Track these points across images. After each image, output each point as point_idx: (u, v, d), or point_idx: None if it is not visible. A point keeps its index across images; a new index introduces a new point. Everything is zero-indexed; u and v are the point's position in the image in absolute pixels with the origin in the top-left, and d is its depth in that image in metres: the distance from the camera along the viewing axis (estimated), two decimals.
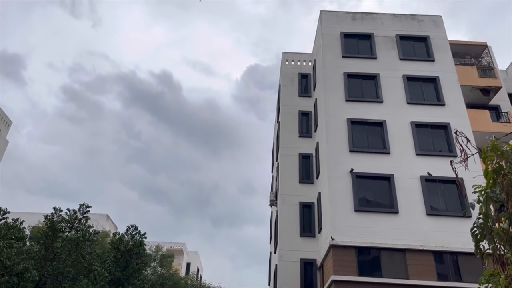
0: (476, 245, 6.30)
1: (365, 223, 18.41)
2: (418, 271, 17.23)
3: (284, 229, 22.10)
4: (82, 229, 14.67)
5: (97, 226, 19.87)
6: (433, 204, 18.92)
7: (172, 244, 48.72)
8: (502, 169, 5.62)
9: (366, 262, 17.87)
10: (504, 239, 5.49)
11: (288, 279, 20.38)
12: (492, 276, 5.46)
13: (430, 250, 17.66)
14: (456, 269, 17.46)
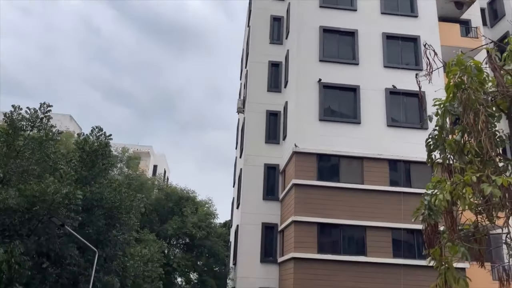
0: (428, 154, 6.72)
1: (328, 132, 19.06)
2: (373, 178, 18.47)
3: (250, 135, 22.59)
4: (45, 128, 14.38)
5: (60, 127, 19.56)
6: (394, 116, 19.65)
7: (139, 146, 49.13)
8: (463, 83, 5.78)
9: (325, 168, 18.87)
10: (455, 149, 5.86)
11: (252, 182, 21.40)
12: (439, 182, 5.91)
13: (386, 158, 18.77)
14: (407, 176, 18.81)
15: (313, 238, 17.48)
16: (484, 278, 16.16)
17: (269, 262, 20.13)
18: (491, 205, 5.47)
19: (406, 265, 16.98)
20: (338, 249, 17.59)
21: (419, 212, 6.20)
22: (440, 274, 5.71)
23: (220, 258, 23.58)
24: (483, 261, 5.97)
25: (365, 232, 17.73)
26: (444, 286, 5.69)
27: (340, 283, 16.76)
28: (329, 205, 17.89)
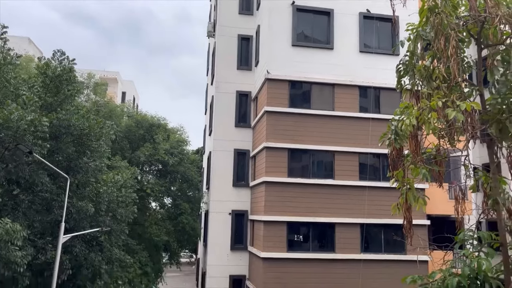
0: (398, 80, 6.77)
1: (300, 58, 18.81)
2: (343, 104, 18.73)
3: (221, 61, 22.04)
4: (2, 51, 13.48)
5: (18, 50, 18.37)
6: (367, 42, 19.46)
7: (105, 72, 47.31)
8: (436, 7, 5.68)
9: (297, 95, 18.92)
10: (424, 75, 5.92)
11: (224, 109, 21.32)
12: (406, 108, 6.03)
13: (357, 85, 18.92)
14: (376, 102, 19.18)
15: (283, 163, 18.01)
16: (441, 197, 17.43)
17: (241, 186, 20.81)
18: (453, 129, 5.68)
19: (371, 187, 17.96)
20: (308, 173, 18.27)
21: (386, 136, 6.39)
22: (401, 194, 6.05)
23: (194, 183, 24.16)
24: (441, 182, 6.34)
25: (333, 157, 18.37)
26: (404, 204, 6.06)
27: (308, 204, 17.67)
28: (300, 131, 18.22)
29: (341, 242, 17.65)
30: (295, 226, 17.76)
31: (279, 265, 17.03)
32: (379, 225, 17.85)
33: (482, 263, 5.23)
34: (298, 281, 16.90)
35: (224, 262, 19.81)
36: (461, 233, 6.12)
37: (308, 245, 17.77)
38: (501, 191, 6.15)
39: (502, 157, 6.30)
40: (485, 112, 5.78)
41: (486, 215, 6.33)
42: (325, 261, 17.35)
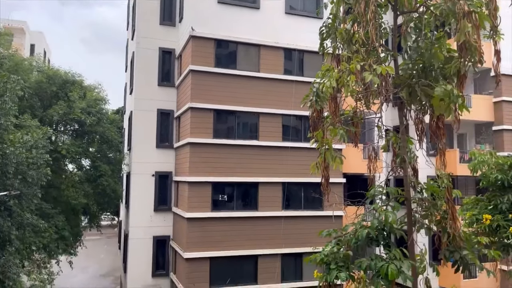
0: (320, 43, 6.90)
1: (226, 16, 18.36)
2: (268, 66, 18.83)
3: (143, 14, 20.77)
4: None
5: None
6: (292, 3, 19.50)
7: (10, 21, 42.31)
8: None
9: (223, 55, 18.59)
10: (345, 38, 6.08)
11: (146, 67, 20.34)
12: (327, 71, 6.19)
13: (282, 47, 19.06)
14: (300, 65, 19.56)
15: (209, 124, 17.87)
16: (356, 156, 18.66)
17: (165, 148, 20.38)
18: (369, 92, 5.98)
19: (293, 148, 18.62)
20: (233, 134, 18.37)
21: (308, 98, 6.55)
22: (320, 154, 6.32)
23: (114, 144, 23.09)
24: (357, 142, 6.73)
25: (258, 118, 18.60)
26: (323, 164, 6.34)
27: (233, 165, 17.89)
28: (226, 92, 18.09)
29: (264, 201, 18.28)
30: (220, 186, 17.97)
31: (203, 225, 17.27)
32: (300, 184, 18.72)
33: (389, 216, 5.73)
34: (222, 239, 17.34)
35: (147, 224, 19.59)
36: (372, 189, 6.60)
37: (232, 205, 18.15)
38: (408, 151, 6.70)
39: (410, 119, 6.81)
40: (397, 77, 6.14)
41: (394, 173, 6.88)
42: (248, 219, 17.92)
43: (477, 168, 9.44)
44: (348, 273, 5.64)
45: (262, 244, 17.87)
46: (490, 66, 6.20)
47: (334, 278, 5.51)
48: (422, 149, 6.50)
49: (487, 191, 9.55)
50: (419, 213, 6.60)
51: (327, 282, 5.65)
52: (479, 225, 8.80)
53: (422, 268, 6.70)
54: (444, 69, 5.65)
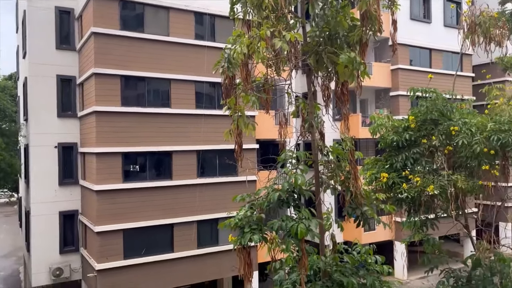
0: (231, 7, 6.77)
1: None
2: (179, 30, 18.14)
3: None
4: None
5: None
6: None
7: None
8: None
9: (130, 17, 17.44)
10: (255, 4, 6.02)
11: (40, 28, 18.33)
12: (238, 36, 6.13)
13: (193, 10, 18.42)
14: (212, 30, 19.16)
15: (116, 91, 16.89)
16: (268, 122, 19.14)
17: (68, 117, 18.91)
18: (279, 59, 6.07)
19: (207, 115, 18.46)
20: (143, 101, 17.61)
21: (220, 65, 6.45)
22: (233, 121, 6.34)
23: (7, 114, 20.84)
24: (268, 109, 6.86)
25: (170, 85, 18.02)
26: (236, 130, 6.38)
27: (145, 134, 17.28)
28: (134, 57, 17.14)
29: (178, 169, 18.05)
30: (131, 156, 17.31)
31: (114, 197, 16.61)
32: (215, 151, 18.77)
33: (298, 178, 6.01)
34: (136, 210, 16.90)
35: (51, 199, 18.28)
36: (282, 154, 6.84)
37: (145, 175, 17.65)
38: (315, 116, 7.01)
39: (318, 85, 7.10)
40: (305, 44, 6.30)
41: (303, 137, 7.19)
42: (162, 188, 17.62)
43: (376, 131, 10.25)
44: (261, 235, 5.86)
45: (177, 213, 17.79)
46: (388, 35, 6.63)
47: (248, 241, 5.69)
48: (328, 115, 6.85)
49: (384, 152, 10.46)
50: (326, 174, 7.03)
51: (241, 245, 5.82)
52: (377, 182, 9.66)
53: (328, 225, 7.22)
54: (348, 37, 5.92)
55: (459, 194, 9.16)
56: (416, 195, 8.97)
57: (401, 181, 9.28)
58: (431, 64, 25.93)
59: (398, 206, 9.61)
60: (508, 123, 8.79)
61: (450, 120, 9.50)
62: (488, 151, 8.80)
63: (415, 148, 9.64)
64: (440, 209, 9.88)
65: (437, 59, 26.21)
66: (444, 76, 24.51)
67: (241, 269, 5.91)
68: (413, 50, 25.35)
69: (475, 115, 9.75)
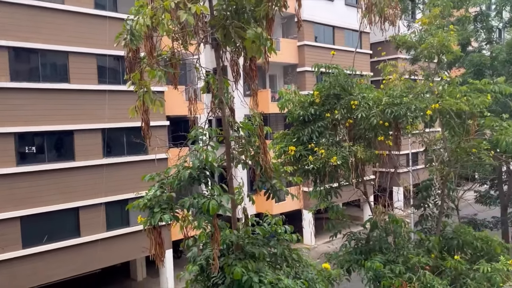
0: None
1: None
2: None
3: None
4: None
5: None
6: None
7: None
8: None
9: None
10: None
11: None
12: (141, 7, 5.76)
13: None
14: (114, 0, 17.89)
15: (4, 65, 15.09)
16: (179, 98, 18.64)
17: None
18: (186, 32, 5.86)
19: (111, 91, 17.39)
20: (37, 76, 16.00)
21: (121, 37, 6.04)
22: (139, 97, 6.02)
23: None
24: (176, 84, 6.63)
25: (67, 58, 16.57)
26: (142, 107, 6.08)
27: (41, 111, 15.80)
28: (25, 27, 15.37)
29: (81, 150, 16.90)
30: (27, 137, 15.76)
31: (8, 182, 15.09)
32: (121, 129, 17.87)
33: (209, 155, 5.96)
34: (34, 195, 15.55)
35: None
36: (193, 130, 6.71)
37: (43, 156, 16.23)
38: (225, 92, 6.96)
39: (226, 61, 7.02)
40: (212, 17, 6.15)
41: (213, 113, 7.11)
42: (64, 170, 16.41)
43: (284, 106, 10.56)
44: (172, 214, 5.75)
45: (82, 196, 16.77)
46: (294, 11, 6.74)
47: (158, 221, 5.55)
48: (238, 90, 6.85)
49: (292, 126, 10.86)
50: (237, 150, 7.08)
51: (151, 225, 5.66)
52: (286, 156, 10.04)
53: (240, 199, 7.34)
54: (255, 12, 5.89)
55: (359, 163, 9.89)
56: (321, 166, 9.49)
57: (307, 153, 9.73)
58: (334, 41, 27.28)
59: (305, 177, 10.11)
60: (400, 97, 9.61)
61: (351, 94, 10.12)
62: (383, 123, 9.58)
63: (320, 122, 10.14)
64: (342, 178, 10.60)
65: (340, 36, 27.64)
66: (346, 53, 25.99)
67: (152, 249, 5.77)
68: (318, 27, 26.40)
69: (372, 90, 10.49)
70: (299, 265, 7.33)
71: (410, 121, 9.99)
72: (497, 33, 23.21)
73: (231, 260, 6.39)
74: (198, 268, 6.83)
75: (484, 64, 18.62)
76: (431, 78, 11.64)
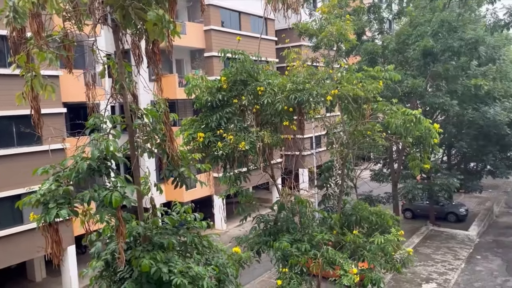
0: None
1: None
2: None
3: None
4: None
5: None
6: None
7: None
8: None
9: None
10: None
11: None
12: None
13: None
14: None
15: None
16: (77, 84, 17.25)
17: None
18: (79, 12, 5.38)
19: None
20: None
21: (3, 14, 5.36)
22: (26, 82, 5.43)
23: None
24: (71, 68, 6.09)
25: None
26: (31, 93, 5.50)
27: None
28: None
29: None
30: None
31: None
32: (9, 117, 16.07)
33: (110, 145, 5.60)
34: None
35: None
36: (91, 118, 6.25)
37: None
38: (127, 77, 6.58)
39: (127, 43, 6.62)
40: None
41: (114, 100, 6.69)
42: None
43: (191, 92, 10.37)
44: (71, 209, 5.33)
45: None
46: None
47: (54, 217, 5.11)
48: (140, 75, 6.51)
49: (200, 112, 10.72)
50: (141, 138, 6.77)
51: (46, 222, 5.19)
52: (195, 142, 9.91)
53: (146, 189, 7.08)
54: None
55: (266, 148, 10.15)
56: (230, 152, 9.56)
57: (216, 139, 9.72)
58: (240, 26, 27.42)
59: (214, 163, 10.10)
60: (303, 83, 10.01)
61: (257, 81, 10.28)
62: (288, 109, 9.92)
63: (228, 107, 10.16)
64: (251, 162, 10.80)
65: (246, 22, 27.86)
66: (252, 39, 26.31)
67: (48, 248, 5.30)
68: (224, 12, 26.28)
69: (277, 76, 10.77)
70: (210, 252, 7.34)
71: (313, 106, 10.48)
72: (388, 24, 25.31)
73: (138, 253, 6.15)
74: (103, 263, 6.47)
75: (377, 52, 20.23)
76: (331, 65, 12.32)
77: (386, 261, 10.18)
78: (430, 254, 21.11)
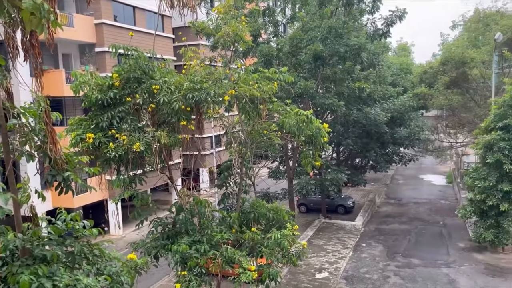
0: None
1: None
2: None
3: None
4: None
5: None
6: None
7: None
8: None
9: None
10: None
11: None
12: None
13: None
14: None
15: None
16: None
17: None
18: None
19: None
20: None
21: None
22: None
23: None
24: None
25: None
26: None
27: None
28: None
29: None
30: None
31: None
32: None
33: None
34: None
35: None
36: None
37: None
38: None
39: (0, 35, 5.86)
40: None
41: None
42: None
43: (79, 89, 9.60)
44: None
45: None
46: None
47: None
48: (16, 69, 5.81)
49: (90, 111, 9.98)
50: (18, 140, 6.05)
51: None
52: (83, 144, 9.18)
53: (25, 197, 6.35)
54: None
55: (163, 148, 9.84)
56: (124, 153, 9.06)
57: (108, 140, 9.13)
58: (135, 22, 26.29)
59: (106, 165, 9.49)
60: (200, 83, 9.91)
61: (152, 78, 9.91)
62: (185, 108, 9.73)
63: (121, 106, 9.63)
64: (147, 164, 10.37)
65: (141, 18, 26.80)
66: (148, 35, 25.40)
67: None
68: (117, 6, 24.95)
69: (174, 75, 10.51)
70: (102, 261, 6.85)
71: (211, 106, 10.45)
72: (282, 27, 26.44)
73: (16, 268, 5.48)
74: None
75: (272, 54, 21.00)
76: (229, 65, 12.42)
77: (283, 256, 10.60)
78: (323, 245, 22.61)
